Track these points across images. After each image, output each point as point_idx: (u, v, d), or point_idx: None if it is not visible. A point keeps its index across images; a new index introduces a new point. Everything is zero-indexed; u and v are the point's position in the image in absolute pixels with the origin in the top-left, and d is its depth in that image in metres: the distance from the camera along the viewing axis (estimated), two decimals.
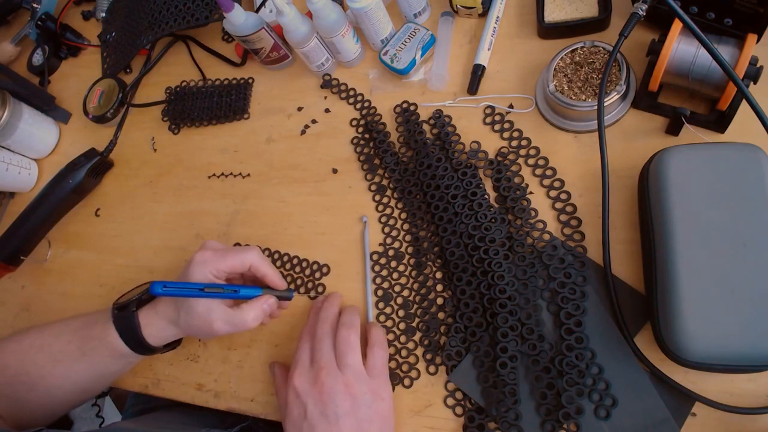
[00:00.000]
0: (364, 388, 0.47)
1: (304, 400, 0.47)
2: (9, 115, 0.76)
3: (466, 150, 0.58)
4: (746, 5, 0.45)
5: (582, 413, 0.46)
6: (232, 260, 0.52)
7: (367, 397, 0.47)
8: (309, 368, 0.49)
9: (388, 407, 0.48)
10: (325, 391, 0.46)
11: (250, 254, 0.53)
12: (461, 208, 0.55)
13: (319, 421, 0.45)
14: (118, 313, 0.53)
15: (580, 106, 0.52)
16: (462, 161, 0.57)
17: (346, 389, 0.46)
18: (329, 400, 0.46)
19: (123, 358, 0.55)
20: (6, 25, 0.99)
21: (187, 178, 0.73)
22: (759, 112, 0.43)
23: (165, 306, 0.53)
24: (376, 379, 0.48)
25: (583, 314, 0.48)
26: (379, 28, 0.63)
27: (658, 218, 0.44)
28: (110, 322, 0.53)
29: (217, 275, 0.52)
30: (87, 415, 1.57)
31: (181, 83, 0.78)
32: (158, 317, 0.53)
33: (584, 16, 0.57)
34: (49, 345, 0.55)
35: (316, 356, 0.49)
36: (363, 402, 0.46)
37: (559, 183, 0.54)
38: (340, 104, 0.68)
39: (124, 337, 0.53)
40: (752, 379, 0.43)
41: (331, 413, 0.45)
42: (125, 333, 0.53)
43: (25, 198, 0.82)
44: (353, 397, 0.46)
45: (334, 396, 0.46)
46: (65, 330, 0.56)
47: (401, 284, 0.57)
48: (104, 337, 0.53)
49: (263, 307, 0.52)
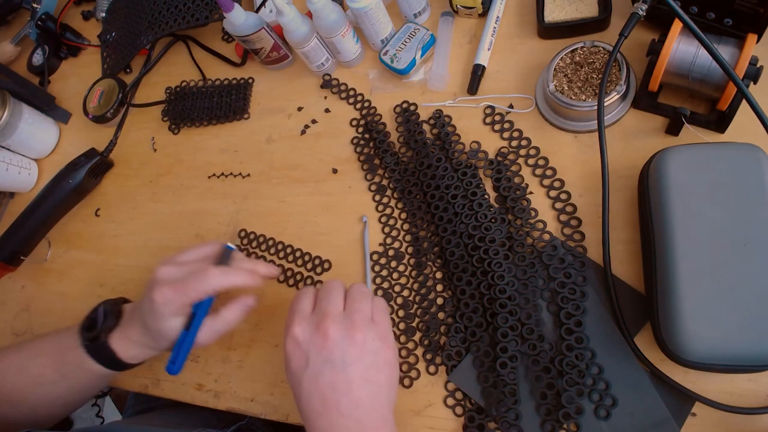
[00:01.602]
0: (372, 334, 0.44)
1: (306, 348, 0.43)
2: (9, 115, 0.76)
3: (466, 150, 0.58)
4: (746, 5, 0.45)
5: (582, 413, 0.46)
6: (193, 293, 0.49)
7: (375, 344, 0.44)
8: (310, 316, 0.45)
9: (394, 355, 0.45)
10: (330, 337, 0.43)
11: (210, 281, 0.49)
12: (461, 208, 0.55)
13: (323, 368, 0.42)
14: (90, 345, 0.53)
15: (580, 106, 0.52)
16: (462, 161, 0.57)
17: (353, 335, 0.43)
18: (334, 346, 0.43)
19: (104, 377, 0.55)
20: (6, 25, 0.99)
21: (187, 178, 0.73)
22: (759, 112, 0.43)
23: (136, 333, 0.53)
24: (382, 326, 0.46)
25: (583, 314, 0.48)
26: (379, 28, 0.63)
27: (658, 218, 0.44)
28: (83, 351, 0.53)
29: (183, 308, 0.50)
30: (87, 415, 1.57)
31: (181, 83, 0.78)
32: (133, 344, 0.53)
33: (584, 16, 0.57)
34: (25, 368, 0.55)
35: (322, 304, 0.45)
36: (370, 349, 0.43)
37: (559, 183, 0.54)
38: (340, 104, 0.68)
39: (102, 363, 0.53)
40: (752, 379, 0.43)
41: (338, 360, 0.42)
42: (103, 360, 0.53)
43: (25, 198, 0.82)
44: (361, 343, 0.43)
45: (340, 342, 0.43)
46: (40, 352, 0.56)
47: (401, 284, 0.57)
48: (81, 363, 0.53)
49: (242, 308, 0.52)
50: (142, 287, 0.55)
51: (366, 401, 0.42)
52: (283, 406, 0.56)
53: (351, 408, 0.41)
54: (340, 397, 0.41)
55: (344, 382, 0.42)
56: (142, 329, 0.52)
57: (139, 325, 0.52)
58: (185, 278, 0.49)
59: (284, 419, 0.56)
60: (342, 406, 0.41)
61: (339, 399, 0.41)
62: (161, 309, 0.49)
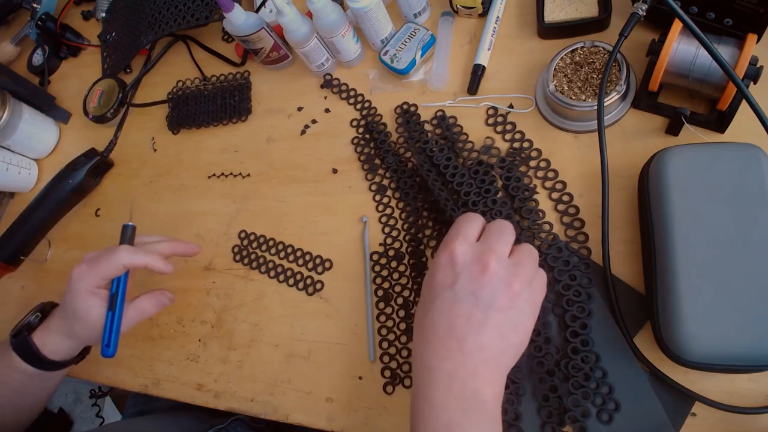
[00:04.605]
0: (527, 294, 0.41)
1: (459, 270, 0.40)
2: (9, 115, 0.76)
3: (477, 147, 0.58)
4: (746, 5, 0.45)
5: (588, 416, 0.45)
6: (106, 267, 0.54)
7: (525, 306, 0.41)
8: (475, 244, 0.42)
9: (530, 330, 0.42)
10: (489, 273, 0.40)
11: (120, 255, 0.54)
12: (474, 206, 0.54)
13: (467, 297, 0.39)
14: (14, 340, 0.55)
15: (580, 106, 0.52)
16: (473, 159, 0.57)
17: (511, 284, 0.40)
18: (488, 284, 0.39)
19: (37, 377, 0.57)
20: (6, 25, 0.99)
21: (187, 178, 0.73)
22: (759, 112, 0.43)
23: (56, 321, 0.56)
24: (537, 295, 0.42)
25: (589, 316, 0.48)
26: (379, 28, 0.63)
27: (658, 218, 0.44)
28: (11, 351, 0.55)
29: (99, 285, 0.54)
30: (87, 415, 1.57)
31: (181, 86, 0.78)
32: (52, 334, 0.56)
33: (584, 16, 0.57)
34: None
35: (491, 238, 0.42)
36: (519, 307, 0.40)
37: (561, 185, 0.54)
38: (340, 104, 0.68)
39: (28, 361, 0.55)
40: (752, 379, 0.43)
41: (485, 298, 0.39)
42: (27, 357, 0.55)
43: (25, 198, 0.82)
44: (514, 295, 0.40)
45: (495, 282, 0.40)
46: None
47: (401, 284, 0.57)
48: (11, 363, 0.55)
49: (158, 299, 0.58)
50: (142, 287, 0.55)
51: (490, 351, 0.39)
52: (283, 406, 0.56)
53: (473, 349, 0.39)
54: (468, 333, 0.39)
55: (480, 322, 0.39)
56: (62, 314, 0.56)
57: (59, 311, 0.56)
58: (98, 255, 0.55)
59: (284, 419, 0.56)
60: (466, 343, 0.39)
61: (466, 334, 0.39)
62: (76, 285, 0.53)
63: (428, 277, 0.43)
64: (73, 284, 0.54)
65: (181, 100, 0.77)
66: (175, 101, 0.77)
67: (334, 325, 0.58)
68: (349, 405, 0.54)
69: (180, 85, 0.78)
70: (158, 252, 0.57)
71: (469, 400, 0.38)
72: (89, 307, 0.53)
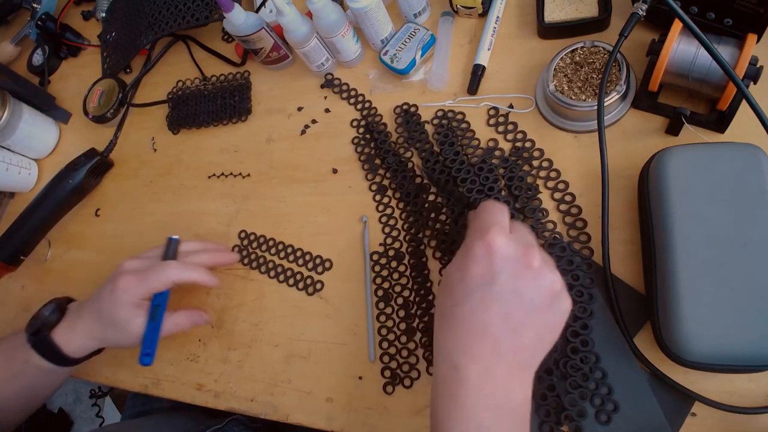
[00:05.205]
0: (565, 294, 0.39)
1: (500, 264, 0.37)
2: (9, 115, 0.76)
3: (482, 146, 0.58)
4: (746, 5, 0.45)
5: (585, 416, 0.45)
6: (154, 282, 0.54)
7: (563, 306, 0.39)
8: (512, 237, 0.39)
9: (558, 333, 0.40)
10: (534, 269, 0.37)
11: (170, 272, 0.55)
12: (477, 202, 0.54)
13: (510, 296, 0.37)
14: (33, 338, 0.56)
15: (580, 106, 0.52)
16: (478, 156, 0.57)
17: (553, 283, 0.38)
18: (533, 281, 0.37)
19: (52, 373, 0.57)
20: (6, 25, 0.99)
21: (187, 178, 0.73)
22: (759, 112, 0.43)
23: (85, 323, 0.56)
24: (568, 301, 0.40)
25: (590, 317, 0.48)
26: (379, 28, 0.63)
27: (658, 218, 0.44)
28: (29, 347, 0.55)
29: (143, 297, 0.54)
30: (87, 415, 1.57)
31: (181, 86, 0.78)
32: (77, 334, 0.56)
33: (584, 16, 0.57)
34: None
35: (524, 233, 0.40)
36: (558, 308, 0.38)
37: (563, 185, 0.54)
38: (341, 104, 0.68)
39: (47, 358, 0.55)
40: (752, 379, 0.43)
41: (527, 297, 0.37)
42: (47, 355, 0.55)
43: (25, 198, 0.81)
44: (555, 295, 0.38)
45: (539, 281, 0.37)
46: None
47: (401, 284, 0.57)
48: (28, 359, 0.56)
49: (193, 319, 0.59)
50: None
51: (526, 353, 0.37)
52: (283, 405, 0.56)
53: (508, 351, 0.37)
54: (504, 334, 0.37)
55: (519, 323, 0.37)
56: (94, 317, 0.55)
57: (90, 314, 0.56)
58: (147, 269, 0.55)
59: (284, 419, 0.56)
60: (501, 344, 0.36)
61: (503, 335, 0.36)
62: (121, 296, 0.53)
63: (461, 267, 0.39)
64: (118, 294, 0.53)
65: (181, 100, 0.77)
66: (175, 101, 0.77)
67: (334, 325, 0.58)
68: (349, 405, 0.54)
69: (180, 85, 0.79)
70: (202, 264, 0.58)
71: (501, 404, 0.36)
72: (131, 317, 0.54)
